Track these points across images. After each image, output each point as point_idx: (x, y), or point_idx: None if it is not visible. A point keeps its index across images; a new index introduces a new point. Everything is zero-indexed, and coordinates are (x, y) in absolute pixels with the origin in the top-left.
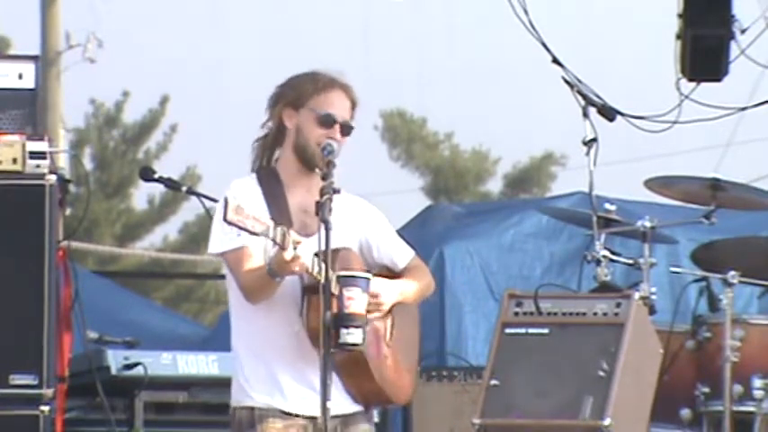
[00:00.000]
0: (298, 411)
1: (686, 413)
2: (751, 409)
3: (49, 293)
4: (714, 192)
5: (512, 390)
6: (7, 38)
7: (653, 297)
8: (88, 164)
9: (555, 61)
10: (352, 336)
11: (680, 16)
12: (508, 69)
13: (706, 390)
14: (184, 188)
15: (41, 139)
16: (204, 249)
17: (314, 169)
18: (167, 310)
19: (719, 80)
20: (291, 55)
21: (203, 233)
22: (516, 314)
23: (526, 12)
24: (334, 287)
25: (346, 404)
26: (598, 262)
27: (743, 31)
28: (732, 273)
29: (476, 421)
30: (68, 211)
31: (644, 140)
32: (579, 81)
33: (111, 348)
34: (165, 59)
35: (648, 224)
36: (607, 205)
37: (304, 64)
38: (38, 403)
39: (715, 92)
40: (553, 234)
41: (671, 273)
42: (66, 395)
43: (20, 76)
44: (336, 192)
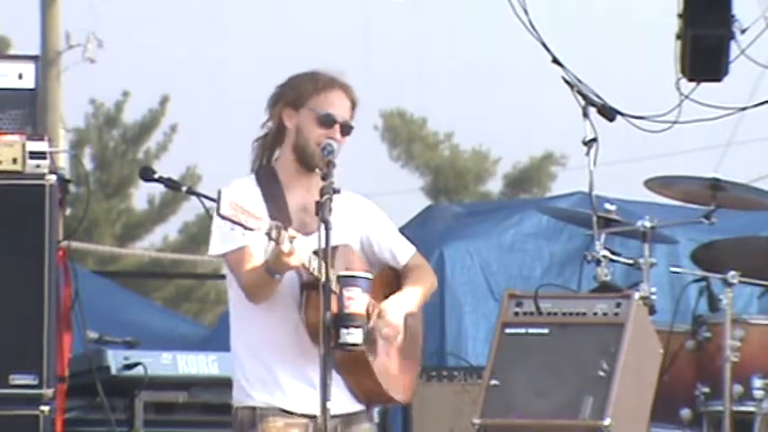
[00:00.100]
0: (298, 410)
1: (686, 413)
2: (751, 409)
3: (49, 293)
4: (714, 192)
5: (512, 390)
6: (7, 38)
7: (653, 297)
8: (88, 164)
9: (555, 61)
10: (352, 336)
11: (680, 16)
12: (508, 69)
13: (706, 390)
14: (184, 188)
15: (41, 139)
16: (204, 249)
17: (313, 169)
18: (167, 310)
19: (719, 80)
20: (291, 55)
21: (203, 233)
22: (516, 314)
23: (526, 12)
24: (333, 285)
25: (348, 403)
26: (598, 262)
27: (743, 31)
28: (732, 273)
29: (476, 421)
30: (68, 211)
31: (644, 140)
32: (579, 81)
33: (111, 348)
34: (165, 59)
35: (648, 224)
36: (607, 205)
37: (304, 64)
38: (38, 403)
39: (715, 92)
40: (553, 234)
41: (671, 273)
42: (66, 395)
43: (20, 76)
44: (336, 192)
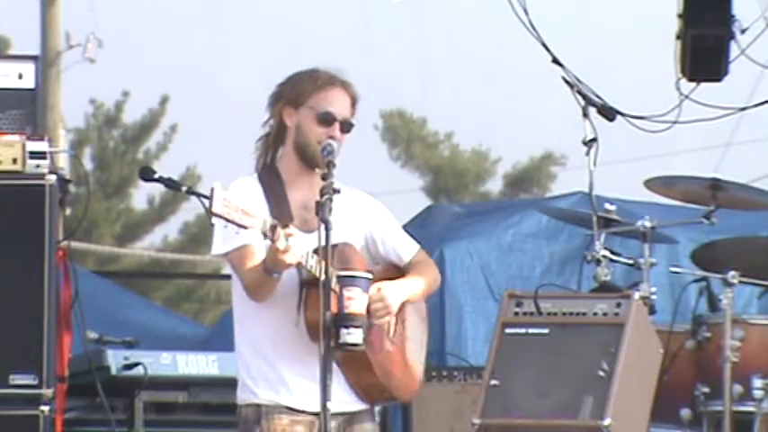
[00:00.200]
0: (303, 407)
1: (686, 413)
2: (751, 409)
3: (49, 293)
4: (714, 192)
5: (512, 390)
6: (7, 38)
7: (653, 297)
8: (88, 164)
9: (555, 61)
10: (352, 336)
11: (680, 16)
12: (508, 69)
13: (706, 390)
14: (184, 188)
15: (41, 139)
16: (204, 249)
17: (315, 168)
18: (167, 310)
19: (719, 80)
20: (291, 55)
21: (203, 233)
22: (516, 314)
23: (526, 12)
24: (333, 284)
25: (351, 402)
26: (598, 262)
27: (743, 31)
28: (732, 273)
29: (476, 421)
30: (68, 211)
31: (644, 140)
32: (579, 81)
33: (111, 348)
34: (165, 59)
35: (648, 224)
36: (607, 205)
37: (304, 64)
38: (38, 403)
39: (715, 92)
40: (553, 234)
41: (671, 273)
42: (66, 395)
43: (20, 76)
44: (336, 192)
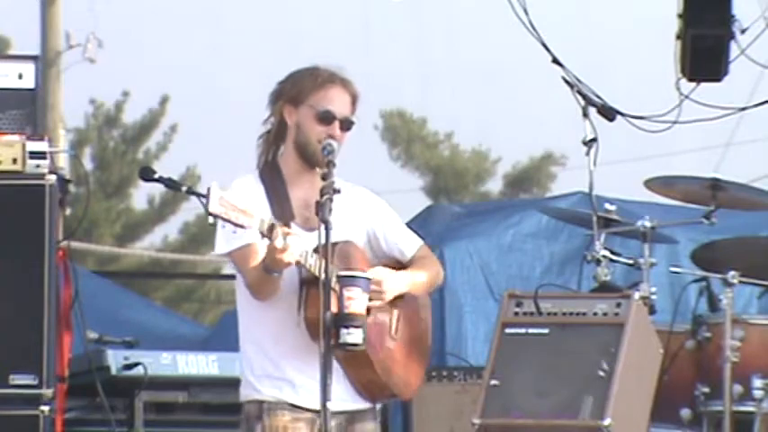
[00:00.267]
0: (306, 405)
1: (686, 413)
2: (751, 409)
3: (49, 293)
4: (714, 192)
5: (512, 390)
6: (7, 38)
7: (653, 297)
8: (88, 164)
9: (555, 61)
10: (351, 336)
11: (680, 16)
12: (508, 69)
13: (706, 390)
14: (184, 188)
15: (41, 139)
16: (204, 249)
17: (315, 166)
18: (167, 310)
19: (719, 80)
20: (291, 55)
21: (203, 233)
22: (516, 314)
23: (526, 12)
24: (333, 283)
25: (352, 400)
26: (598, 262)
27: (743, 31)
28: (732, 273)
29: (476, 421)
30: (68, 211)
31: (644, 140)
32: (579, 81)
33: (111, 348)
34: (165, 59)
35: (648, 224)
36: (607, 205)
37: (304, 64)
38: (38, 403)
39: (715, 92)
40: (553, 234)
41: (671, 273)
42: (66, 395)
43: (20, 76)
44: (337, 191)
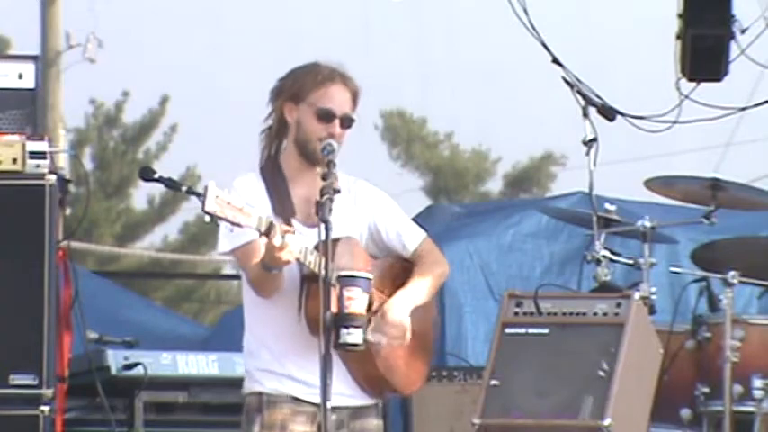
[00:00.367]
0: (307, 398)
1: (686, 413)
2: (751, 409)
3: (49, 293)
4: (714, 192)
5: (512, 390)
6: (7, 38)
7: (653, 297)
8: (88, 164)
9: (555, 61)
10: (351, 336)
11: (680, 16)
12: (508, 69)
13: (706, 390)
14: (184, 188)
15: (41, 139)
16: (204, 249)
17: (315, 164)
18: (167, 310)
19: (719, 80)
20: (291, 55)
21: (203, 233)
22: (516, 314)
23: (526, 12)
24: (332, 280)
25: (354, 396)
26: (598, 262)
27: (743, 31)
28: (732, 273)
29: (476, 421)
30: (68, 211)
31: (644, 140)
32: (579, 81)
33: (111, 348)
34: (165, 59)
35: (648, 224)
36: (607, 205)
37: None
38: (38, 403)
39: (715, 92)
40: (553, 234)
41: (671, 273)
42: (66, 395)
43: (20, 76)
44: (337, 191)
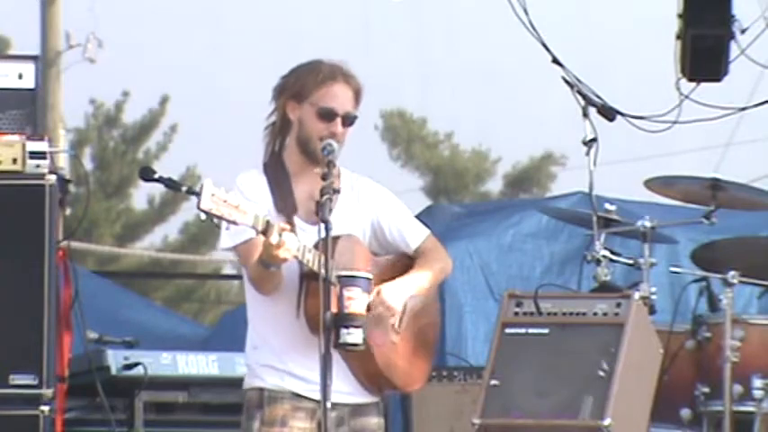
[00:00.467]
0: (308, 395)
1: (686, 413)
2: (751, 409)
3: (49, 293)
4: (714, 192)
5: (512, 390)
6: (7, 38)
7: (653, 297)
8: (88, 164)
9: (555, 61)
10: (351, 336)
11: (680, 16)
12: (508, 69)
13: (706, 390)
14: (184, 188)
15: (41, 139)
16: (204, 249)
17: (316, 163)
18: (167, 310)
19: (719, 80)
20: (291, 55)
21: (203, 233)
22: (516, 314)
23: (526, 12)
24: (332, 279)
25: (355, 393)
26: (598, 262)
27: (743, 31)
28: (732, 273)
29: (476, 421)
30: (68, 211)
31: (644, 140)
32: (579, 81)
33: (111, 348)
34: (165, 59)
35: (648, 224)
36: (607, 205)
37: None
38: (38, 403)
39: (715, 92)
40: (553, 234)
41: (671, 273)
42: (66, 395)
43: (20, 76)
44: (337, 191)
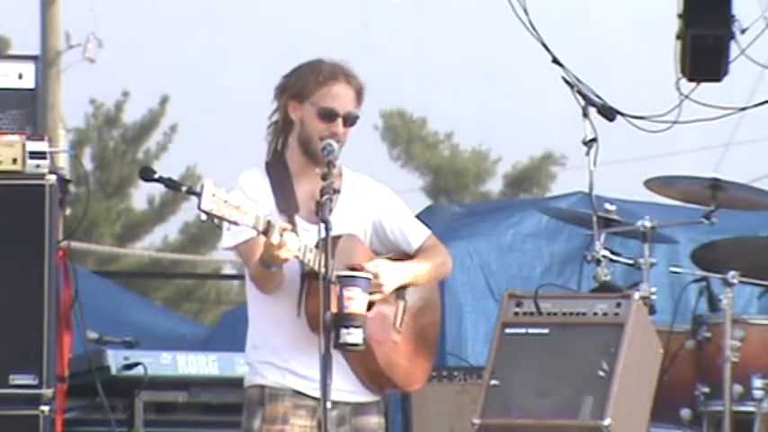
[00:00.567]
0: (308, 392)
1: (686, 413)
2: (751, 409)
3: (49, 293)
4: (714, 192)
5: (512, 390)
6: (7, 38)
7: (653, 297)
8: (88, 164)
9: (555, 61)
10: (351, 336)
11: (680, 16)
12: (508, 69)
13: (706, 390)
14: (184, 188)
15: (41, 139)
16: (204, 249)
17: (317, 163)
18: (167, 310)
19: (719, 80)
20: (291, 55)
21: (203, 233)
22: (516, 314)
23: (526, 12)
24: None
25: (356, 392)
26: (598, 262)
27: (743, 31)
28: (732, 273)
29: (476, 421)
30: (68, 211)
31: (644, 140)
32: (579, 81)
33: (111, 348)
34: (165, 59)
35: (648, 224)
36: (607, 205)
37: None
38: (38, 403)
39: (715, 92)
40: (553, 234)
41: (671, 273)
42: (66, 395)
43: (20, 76)
44: (337, 192)
